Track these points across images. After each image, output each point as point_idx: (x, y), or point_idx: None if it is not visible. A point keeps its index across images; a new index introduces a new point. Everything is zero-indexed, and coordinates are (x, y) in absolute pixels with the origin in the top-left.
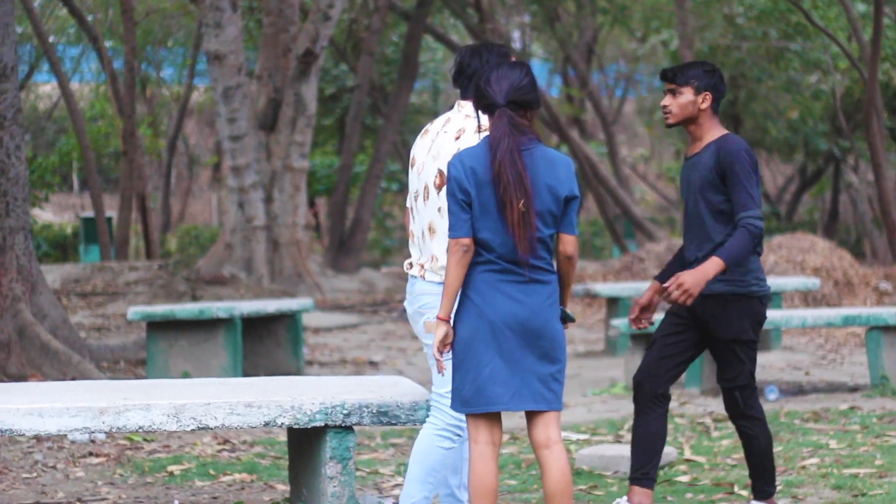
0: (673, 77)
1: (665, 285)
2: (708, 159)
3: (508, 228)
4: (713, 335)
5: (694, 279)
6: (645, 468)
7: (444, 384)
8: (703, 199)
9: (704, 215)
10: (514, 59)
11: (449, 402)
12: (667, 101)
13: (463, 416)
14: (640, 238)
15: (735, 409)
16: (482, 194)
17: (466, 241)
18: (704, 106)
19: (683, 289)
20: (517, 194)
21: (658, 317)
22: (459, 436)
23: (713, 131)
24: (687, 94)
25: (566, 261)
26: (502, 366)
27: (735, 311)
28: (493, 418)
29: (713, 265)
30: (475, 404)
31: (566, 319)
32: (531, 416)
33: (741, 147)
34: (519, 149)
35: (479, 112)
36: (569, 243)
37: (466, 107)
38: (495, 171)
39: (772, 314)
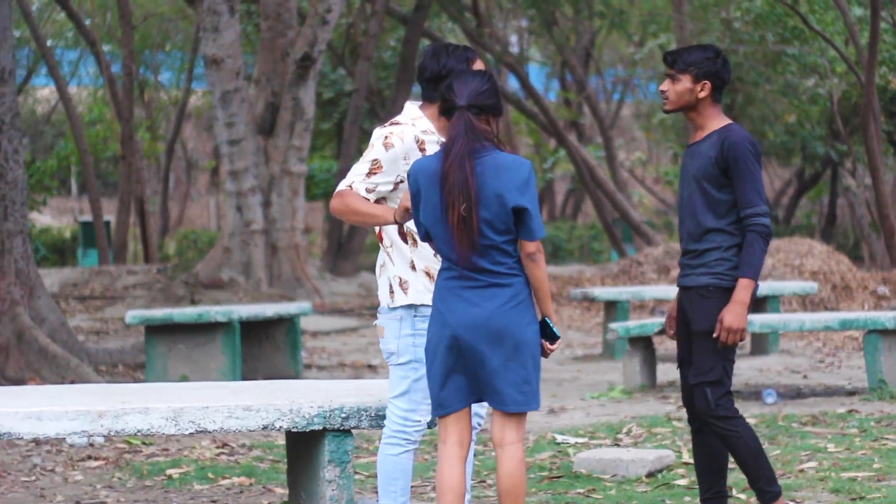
0: (672, 62)
1: (714, 336)
2: (709, 149)
3: (449, 230)
4: (691, 326)
5: (734, 314)
6: (715, 487)
7: (394, 389)
8: (699, 189)
9: (697, 205)
10: (478, 61)
11: (396, 407)
12: (665, 86)
13: (408, 422)
14: (638, 242)
15: (707, 408)
16: (432, 203)
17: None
18: (703, 95)
19: (731, 330)
20: (460, 197)
21: None
22: (408, 440)
23: (715, 120)
24: (685, 82)
25: (529, 261)
26: (463, 368)
27: (715, 303)
28: (461, 419)
29: (743, 289)
30: (442, 407)
31: (549, 335)
32: (494, 413)
33: (744, 138)
34: (471, 154)
35: (443, 115)
36: (528, 244)
37: (412, 110)
38: (444, 171)
39: (770, 318)
